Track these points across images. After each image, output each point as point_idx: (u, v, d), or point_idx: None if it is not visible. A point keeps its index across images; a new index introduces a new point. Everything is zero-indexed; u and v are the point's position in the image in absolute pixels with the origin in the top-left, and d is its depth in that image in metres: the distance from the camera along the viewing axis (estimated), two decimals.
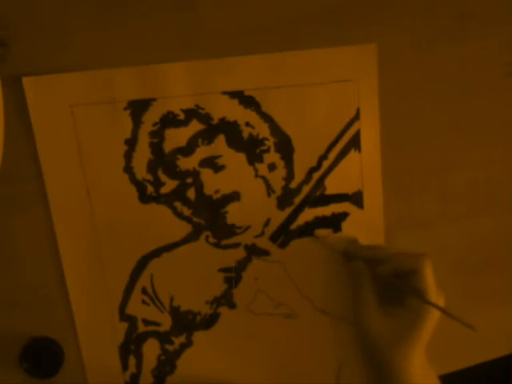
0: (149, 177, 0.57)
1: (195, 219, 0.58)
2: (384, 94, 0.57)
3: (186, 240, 0.59)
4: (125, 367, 0.62)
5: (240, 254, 0.60)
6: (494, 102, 0.61)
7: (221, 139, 0.56)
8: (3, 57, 0.52)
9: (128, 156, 0.56)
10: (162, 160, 0.56)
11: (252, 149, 0.57)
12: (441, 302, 0.52)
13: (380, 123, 0.58)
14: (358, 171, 0.58)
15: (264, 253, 0.60)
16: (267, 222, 0.59)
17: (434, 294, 0.51)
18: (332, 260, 0.61)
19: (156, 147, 0.56)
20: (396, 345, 0.52)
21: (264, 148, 0.57)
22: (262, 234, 0.59)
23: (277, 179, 0.58)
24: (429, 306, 0.51)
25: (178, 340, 0.62)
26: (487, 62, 0.59)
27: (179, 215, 0.58)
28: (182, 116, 0.55)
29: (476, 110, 0.61)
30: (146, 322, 0.61)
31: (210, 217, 0.58)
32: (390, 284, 0.54)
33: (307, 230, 0.60)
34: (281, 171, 0.58)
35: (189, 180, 0.57)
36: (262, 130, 0.56)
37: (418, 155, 0.60)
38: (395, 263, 0.53)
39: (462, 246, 0.64)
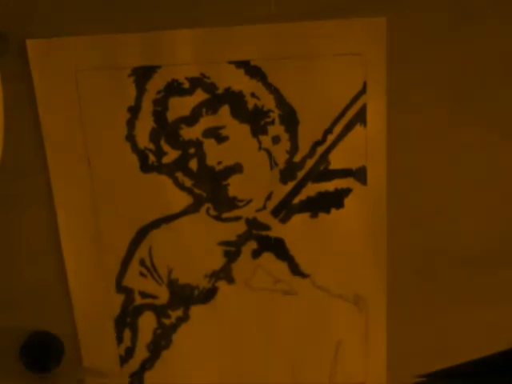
0: (151, 146, 0.58)
1: (196, 190, 0.60)
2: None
3: (186, 212, 0.61)
4: (120, 340, 0.64)
5: (240, 227, 0.62)
6: (496, 99, 0.62)
7: (225, 109, 0.58)
8: (3, 52, 0.53)
9: (131, 124, 0.57)
10: (164, 129, 0.58)
11: (256, 120, 0.58)
12: None
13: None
14: (363, 146, 0.60)
15: (265, 227, 0.62)
16: (269, 196, 0.61)
17: None
18: (332, 238, 0.63)
19: (159, 116, 0.57)
20: None
21: (269, 120, 0.59)
22: (264, 207, 0.61)
23: (280, 152, 0.60)
24: None
25: (175, 314, 0.64)
26: (489, 58, 0.61)
27: (180, 186, 0.60)
28: (186, 84, 0.57)
29: (476, 110, 0.62)
30: (143, 295, 0.63)
31: (212, 188, 0.60)
32: None
33: (309, 205, 0.61)
34: (285, 144, 0.59)
35: (191, 150, 0.59)
36: (268, 101, 0.58)
37: (418, 152, 0.62)
38: None
39: (463, 244, 0.66)
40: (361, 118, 0.59)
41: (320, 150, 0.60)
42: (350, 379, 0.67)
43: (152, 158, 0.59)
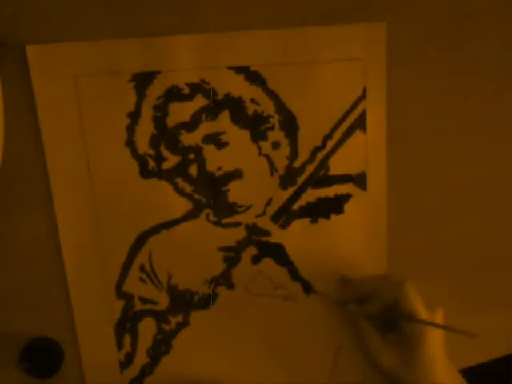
0: (151, 151, 0.58)
1: (196, 196, 0.60)
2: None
3: (186, 217, 0.61)
4: (120, 346, 0.64)
5: (240, 233, 0.62)
6: (495, 102, 0.62)
7: (225, 115, 0.58)
8: (3, 58, 0.53)
9: (130, 129, 0.58)
10: (164, 135, 0.58)
11: (256, 126, 0.59)
12: (439, 317, 0.55)
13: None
14: (363, 152, 0.60)
15: (265, 233, 0.62)
16: (269, 202, 0.61)
17: (424, 313, 0.55)
18: (332, 244, 0.63)
19: (159, 121, 0.58)
20: (411, 369, 0.55)
21: (268, 126, 0.59)
22: (264, 213, 0.61)
23: (280, 158, 0.60)
24: (423, 326, 0.54)
25: (175, 319, 0.64)
26: (487, 63, 0.61)
27: (180, 192, 0.60)
28: (186, 90, 0.57)
29: (476, 110, 0.62)
30: (143, 300, 0.63)
31: (212, 194, 0.60)
32: (385, 316, 0.57)
33: (309, 210, 0.61)
34: (285, 150, 0.60)
35: (191, 156, 0.59)
36: (267, 107, 0.58)
37: (417, 157, 0.62)
38: (379, 300, 0.57)
39: (463, 247, 0.66)
40: (361, 123, 0.59)
41: (320, 155, 0.60)
42: (349, 380, 0.67)
43: (152, 163, 0.59)
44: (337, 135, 0.60)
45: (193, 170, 0.59)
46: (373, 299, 0.57)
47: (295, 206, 0.61)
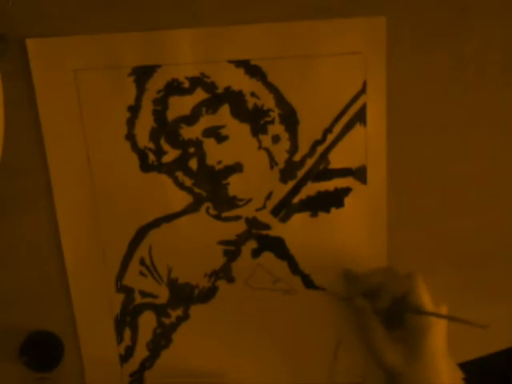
0: (151, 145, 0.58)
1: (196, 190, 0.60)
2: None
3: (186, 211, 0.61)
4: (120, 339, 0.64)
5: (240, 227, 0.62)
6: (495, 96, 0.62)
7: (225, 109, 0.58)
8: (3, 52, 0.53)
9: (130, 123, 0.58)
10: (164, 128, 0.58)
11: (256, 120, 0.59)
12: (443, 311, 0.56)
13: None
14: (363, 146, 0.60)
15: (265, 226, 0.62)
16: (269, 195, 0.61)
17: (431, 306, 0.55)
18: (332, 237, 0.63)
19: (159, 115, 0.58)
20: (413, 363, 0.55)
21: (268, 119, 0.59)
22: (264, 207, 0.61)
23: (280, 151, 0.60)
24: (429, 319, 0.55)
25: (175, 313, 0.64)
26: (487, 57, 0.61)
27: (180, 185, 0.60)
28: (186, 84, 0.57)
29: (476, 106, 0.62)
30: (143, 294, 0.63)
31: (212, 188, 0.60)
32: (391, 311, 0.57)
33: (309, 204, 0.62)
34: (285, 143, 0.60)
35: (191, 150, 0.59)
36: (267, 100, 0.58)
37: (417, 151, 0.62)
38: (388, 294, 0.57)
39: (463, 243, 0.66)
40: (361, 117, 0.59)
41: (320, 149, 0.60)
42: (349, 378, 0.67)
43: (152, 157, 0.59)
44: (337, 129, 0.60)
45: (193, 164, 0.59)
46: (381, 293, 0.57)
47: (295, 200, 0.61)
